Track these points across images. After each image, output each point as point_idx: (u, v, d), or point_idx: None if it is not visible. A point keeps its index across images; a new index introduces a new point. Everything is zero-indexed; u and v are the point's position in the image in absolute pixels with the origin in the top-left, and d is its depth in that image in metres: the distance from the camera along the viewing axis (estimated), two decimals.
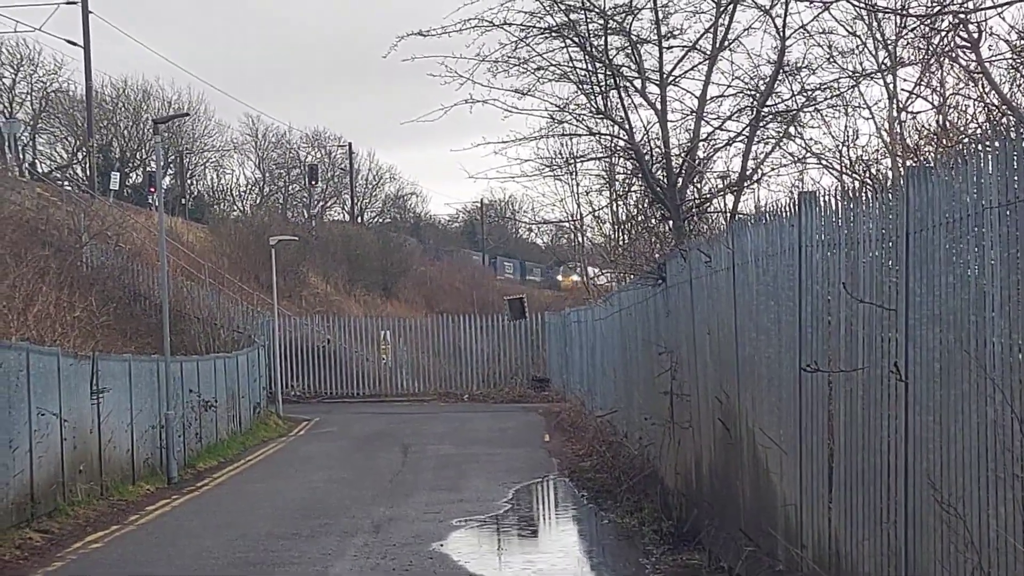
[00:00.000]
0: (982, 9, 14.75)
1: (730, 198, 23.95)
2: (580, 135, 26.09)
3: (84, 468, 26.14)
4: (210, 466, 34.39)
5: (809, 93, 22.83)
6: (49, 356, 25.09)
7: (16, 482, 22.33)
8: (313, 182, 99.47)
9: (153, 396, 31.70)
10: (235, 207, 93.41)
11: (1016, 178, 7.78)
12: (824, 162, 23.00)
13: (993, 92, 16.55)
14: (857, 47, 21.83)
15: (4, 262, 30.79)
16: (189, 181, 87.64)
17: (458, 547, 20.65)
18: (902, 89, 21.39)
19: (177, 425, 32.69)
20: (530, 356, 59.52)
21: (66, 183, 68.38)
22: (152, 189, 67.56)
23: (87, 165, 69.57)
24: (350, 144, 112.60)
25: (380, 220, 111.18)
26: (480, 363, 59.62)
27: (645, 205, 27.57)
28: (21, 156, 73.72)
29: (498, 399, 55.92)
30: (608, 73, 23.60)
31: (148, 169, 76.77)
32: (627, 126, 24.00)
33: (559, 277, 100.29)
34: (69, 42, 65.96)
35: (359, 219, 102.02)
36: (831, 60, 22.34)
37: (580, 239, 51.80)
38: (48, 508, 23.57)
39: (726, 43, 22.90)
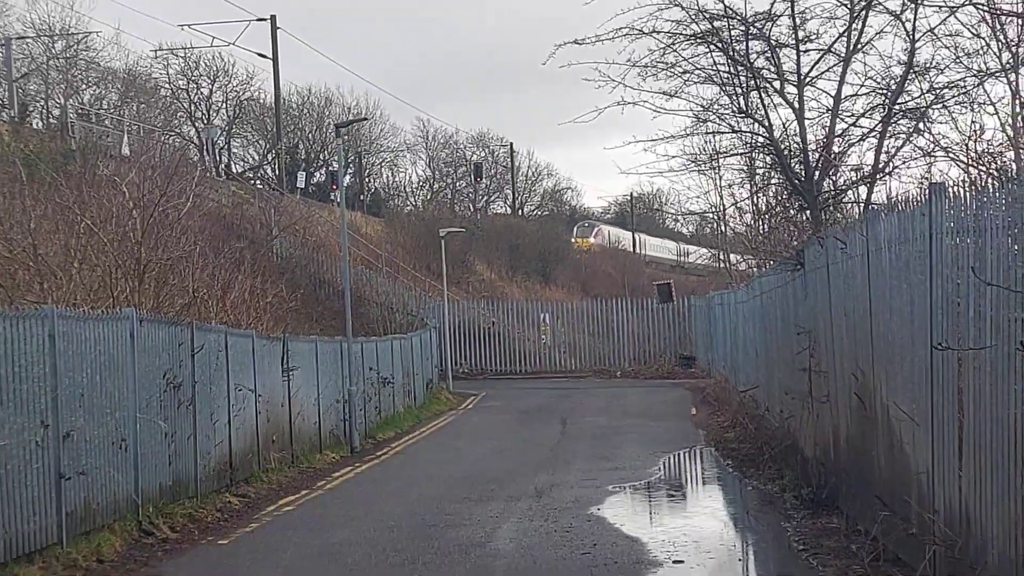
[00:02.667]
0: None
1: (863, 190, 23.68)
2: (723, 133, 26.02)
3: (276, 439, 26.46)
4: (388, 436, 34.64)
5: (937, 91, 22.54)
6: (245, 338, 25.44)
7: (217, 451, 22.67)
8: (478, 179, 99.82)
9: (337, 373, 32.03)
10: (408, 202, 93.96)
11: None
12: (952, 155, 22.70)
13: None
14: (982, 48, 21.49)
15: (204, 253, 31.14)
16: (367, 179, 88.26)
17: (614, 511, 20.63)
18: None
19: (358, 400, 33.00)
20: (677, 336, 59.28)
21: (258, 182, 69.21)
22: (334, 187, 68.04)
23: (276, 166, 70.35)
24: (511, 144, 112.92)
25: (539, 213, 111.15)
26: (631, 343, 59.52)
27: (784, 197, 27.32)
28: (218, 158, 74.74)
29: (647, 376, 55.80)
30: (749, 75, 23.47)
31: (330, 168, 77.44)
32: (767, 124, 23.88)
33: (573, 240, 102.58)
34: (259, 55, 66.77)
35: (520, 212, 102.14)
36: (957, 60, 22.04)
37: (723, 229, 51.47)
38: (245, 475, 23.89)
39: (859, 46, 22.66)
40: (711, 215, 50.57)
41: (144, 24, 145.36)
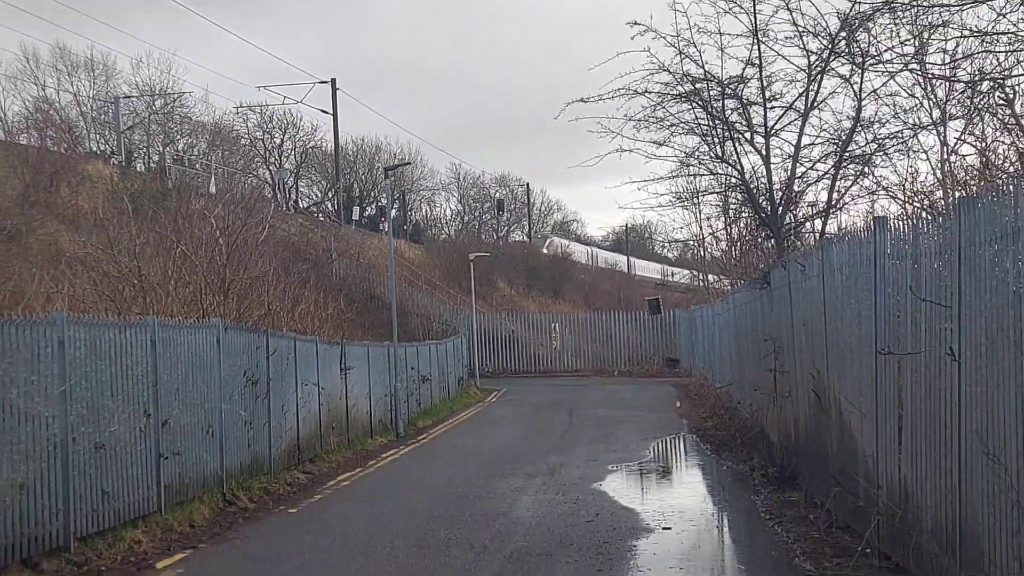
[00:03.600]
0: (1015, 76, 14.48)
1: (819, 222, 23.71)
2: (703, 175, 26.07)
3: (335, 425, 26.51)
4: (427, 424, 34.67)
5: (880, 142, 22.55)
6: (310, 343, 25.50)
7: (287, 436, 22.72)
8: (500, 212, 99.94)
9: (385, 372, 32.08)
10: (443, 232, 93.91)
11: None
12: (891, 194, 22.75)
13: None
14: (916, 105, 21.51)
15: (277, 274, 31.25)
16: (409, 212, 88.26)
17: (612, 486, 20.61)
18: (952, 137, 21.06)
19: (402, 393, 33.07)
20: (664, 342, 59.20)
21: (320, 215, 69.24)
22: (383, 219, 68.33)
23: (335, 202, 70.38)
24: (528, 184, 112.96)
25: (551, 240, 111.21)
26: (626, 347, 59.48)
27: (753, 228, 27.43)
28: (288, 196, 75.03)
29: (640, 375, 55.75)
30: (725, 128, 23.50)
31: (380, 204, 77.42)
32: (739, 168, 23.92)
33: (544, 250, 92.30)
34: (322, 111, 67.19)
35: (531, 239, 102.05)
36: (896, 116, 22.05)
37: (702, 254, 51.47)
38: (310, 455, 23.94)
39: (816, 104, 22.67)
40: (693, 242, 50.47)
41: (229, 86, 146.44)
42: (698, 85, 23.14)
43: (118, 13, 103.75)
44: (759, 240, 27.41)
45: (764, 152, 23.47)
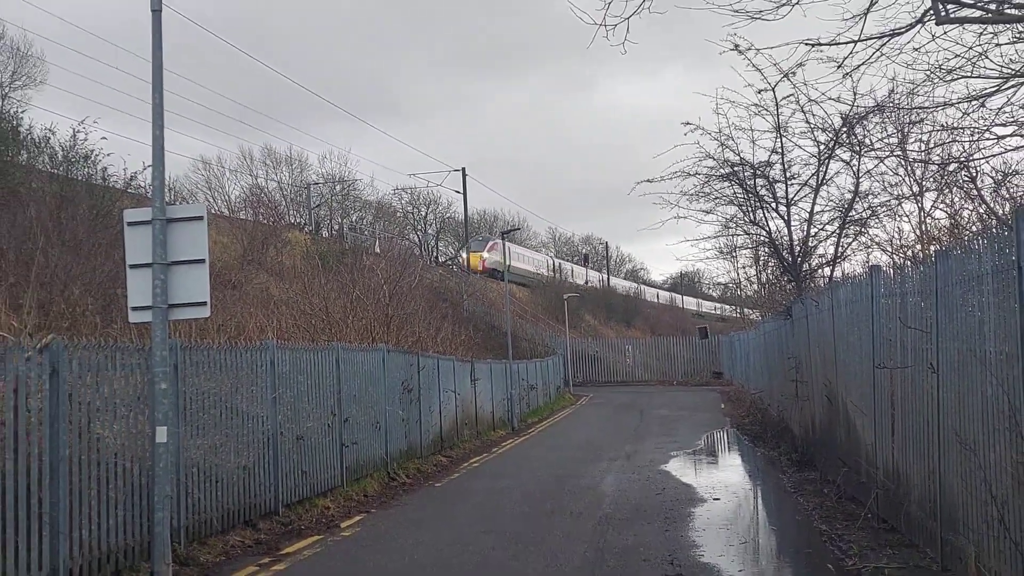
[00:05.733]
0: (975, 159, 14.25)
1: (828, 269, 23.47)
2: (739, 235, 26.10)
3: (467, 422, 26.63)
4: (534, 421, 34.64)
5: (873, 208, 22.35)
6: (448, 361, 25.67)
7: (433, 429, 22.88)
8: (585, 263, 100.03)
9: (503, 382, 32.17)
10: (543, 279, 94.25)
11: (998, 256, 7.63)
12: (882, 248, 22.51)
13: (984, 205, 15.99)
14: (900, 181, 21.23)
15: (424, 310, 31.62)
16: (523, 265, 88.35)
17: (673, 467, 20.45)
18: (928, 205, 20.77)
19: (516, 398, 33.11)
20: (711, 359, 58.48)
21: (454, 267, 69.68)
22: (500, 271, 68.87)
23: (465, 258, 70.66)
24: (607, 243, 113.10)
25: (624, 284, 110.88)
26: (682, 363, 58.83)
27: (778, 273, 27.22)
28: (430, 253, 75.64)
29: (693, 384, 55.11)
30: (756, 200, 23.43)
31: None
32: (767, 229, 23.82)
33: (463, 258, 71.06)
34: (454, 191, 68.30)
35: (610, 283, 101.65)
36: (885, 189, 21.79)
37: (739, 293, 51.12)
38: (449, 443, 24.06)
39: (824, 181, 22.46)
40: (732, 285, 50.24)
41: (388, 173, 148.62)
42: (735, 168, 23.11)
43: (310, 121, 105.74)
44: (783, 283, 27.18)
45: (786, 217, 23.34)
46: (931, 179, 19.90)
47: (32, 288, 15.10)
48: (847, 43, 11.01)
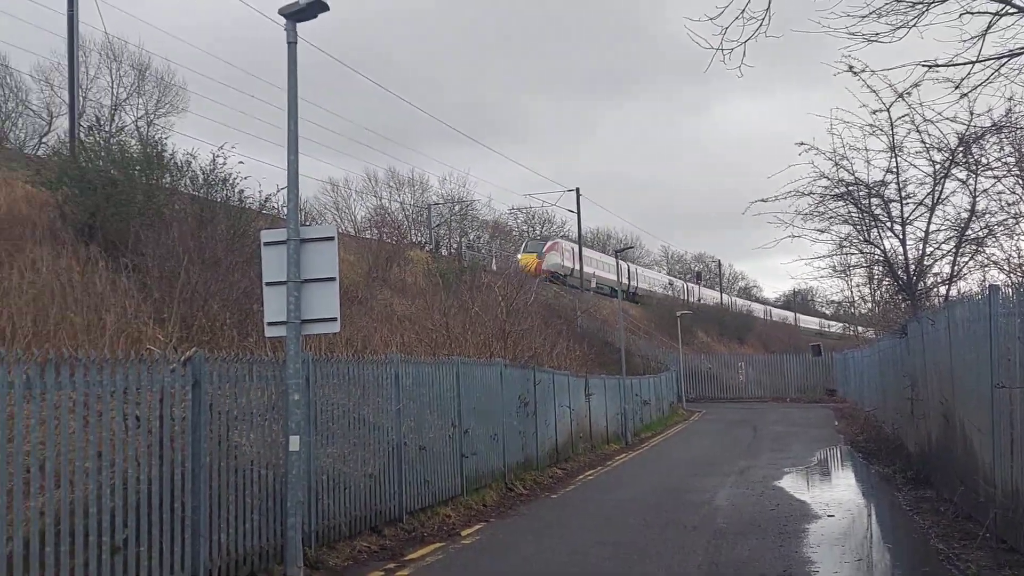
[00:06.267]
0: None
1: (944, 288, 22.82)
2: (853, 253, 25.60)
3: (582, 435, 26.55)
4: (647, 436, 34.38)
5: (990, 227, 21.68)
6: (563, 376, 25.66)
7: (549, 442, 22.88)
8: (698, 281, 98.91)
9: (616, 397, 32.00)
10: (655, 296, 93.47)
11: None
12: (1000, 267, 21.77)
13: None
14: (1017, 200, 20.57)
15: (540, 326, 31.69)
16: (633, 282, 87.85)
17: (787, 482, 20.07)
18: None
19: (629, 413, 32.90)
20: (824, 376, 57.17)
21: (570, 285, 69.70)
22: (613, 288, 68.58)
23: (581, 276, 70.51)
24: (719, 260, 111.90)
25: (736, 301, 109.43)
26: (795, 380, 57.64)
27: (893, 292, 26.55)
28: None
29: (806, 401, 53.94)
30: (871, 219, 23.00)
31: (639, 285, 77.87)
32: (882, 248, 23.39)
33: (519, 257, 61.71)
34: (568, 210, 67.70)
35: (723, 301, 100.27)
36: (1002, 208, 21.11)
37: (853, 311, 49.88)
38: (564, 456, 24.02)
39: (940, 200, 21.91)
40: (845, 303, 49.04)
41: (504, 194, 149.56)
42: (850, 188, 22.70)
43: (431, 145, 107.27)
44: (897, 301, 26.51)
45: (901, 237, 22.82)
46: None
47: (176, 303, 15.62)
48: (964, 64, 10.74)
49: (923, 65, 11.09)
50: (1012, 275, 20.21)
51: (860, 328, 50.30)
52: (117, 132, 27.26)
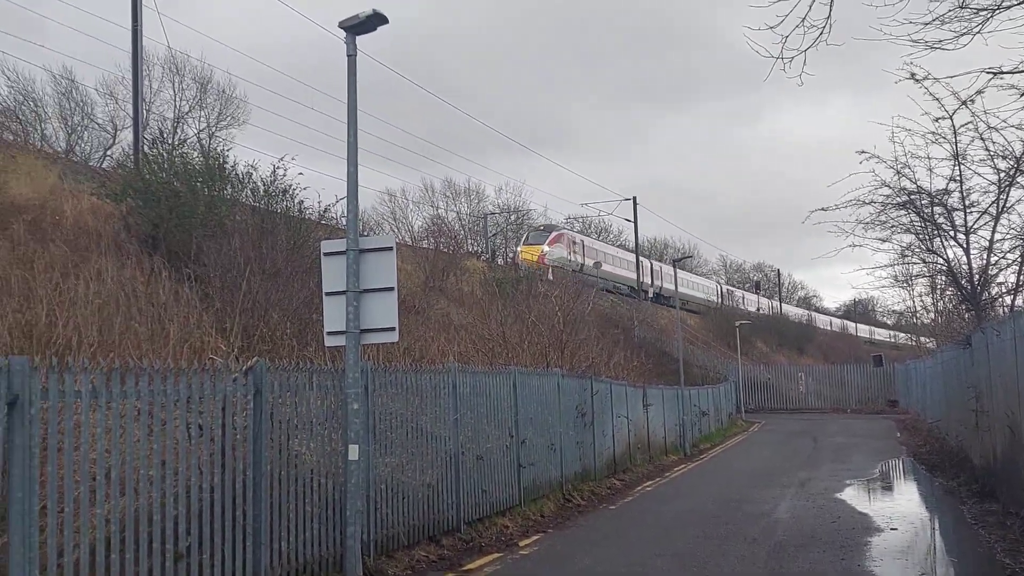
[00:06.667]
0: None
1: (1009, 298, 22.41)
2: (916, 263, 25.27)
3: (640, 446, 26.40)
4: (706, 447, 34.09)
5: None
6: (621, 386, 25.56)
7: (607, 453, 22.78)
8: (757, 290, 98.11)
9: (675, 408, 31.79)
10: (711, 304, 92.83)
11: None
12: None
13: None
14: None
15: (597, 336, 31.60)
16: (657, 282, 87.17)
17: (848, 494, 19.77)
18: None
19: (688, 423, 32.66)
20: (885, 387, 56.29)
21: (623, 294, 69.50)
22: (669, 297, 68.20)
23: (638, 286, 70.24)
24: (778, 270, 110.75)
25: (795, 310, 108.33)
26: (856, 390, 56.78)
27: (956, 302, 26.16)
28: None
29: (867, 412, 53.13)
30: (933, 228, 22.68)
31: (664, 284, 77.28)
32: (945, 258, 23.07)
33: (519, 250, 57.57)
34: (625, 219, 68.09)
35: (781, 311, 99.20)
36: None
37: (915, 321, 49.22)
38: (622, 467, 23.89)
39: (1005, 209, 21.53)
40: (907, 313, 48.37)
41: (559, 203, 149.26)
42: (912, 196, 22.42)
43: (487, 155, 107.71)
44: (960, 311, 26.10)
45: (965, 246, 22.46)
46: None
47: (237, 313, 15.81)
48: None
49: (987, 72, 10.90)
50: None
51: (922, 338, 49.59)
52: (180, 145, 27.67)
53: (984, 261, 22.26)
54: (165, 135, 30.47)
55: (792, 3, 10.32)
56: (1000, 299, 23.16)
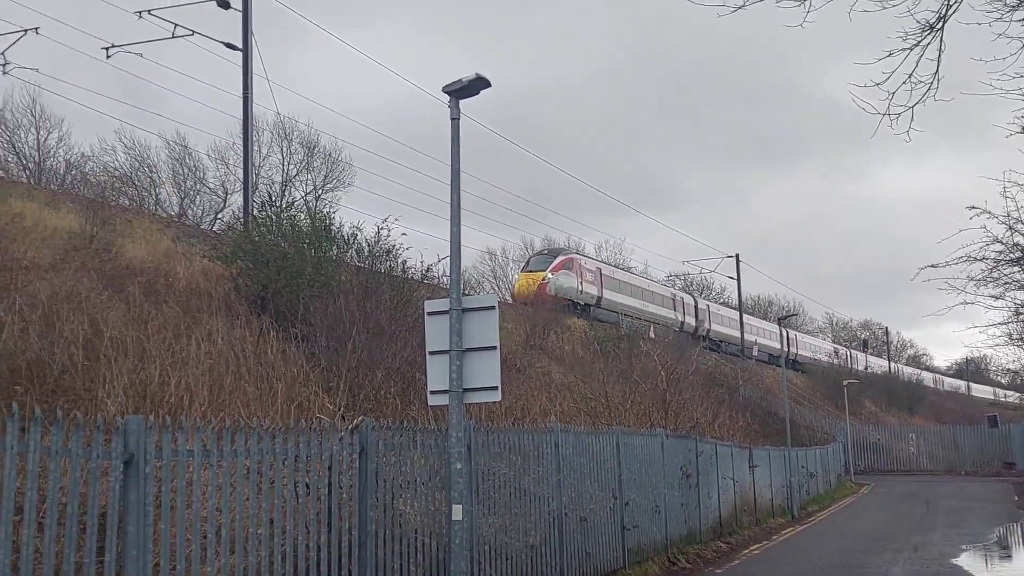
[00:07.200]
0: None
1: None
2: None
3: (746, 508, 25.82)
4: (814, 509, 33.17)
5: None
6: (726, 447, 25.12)
7: (712, 515, 22.33)
8: (865, 348, 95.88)
9: (781, 469, 31.05)
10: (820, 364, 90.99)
11: None
12: None
13: None
14: None
15: (701, 395, 31.15)
16: (792, 350, 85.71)
17: (964, 560, 19.03)
18: None
19: (795, 485, 31.85)
20: (1001, 448, 54.09)
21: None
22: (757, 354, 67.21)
23: (741, 344, 69.09)
24: (887, 328, 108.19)
25: (904, 369, 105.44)
26: (969, 451, 54.63)
27: None
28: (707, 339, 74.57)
29: (982, 474, 51.15)
30: None
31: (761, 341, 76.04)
32: None
33: (516, 276, 52.41)
34: (728, 277, 67.17)
35: (891, 369, 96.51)
36: None
37: None
38: (728, 530, 23.37)
39: None
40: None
41: (661, 261, 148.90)
42: None
43: (586, 212, 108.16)
44: None
45: None
46: None
47: (344, 372, 16.03)
48: None
49: None
50: None
51: None
52: (287, 207, 28.40)
53: None
54: (273, 198, 31.28)
55: (898, 60, 10.16)
56: None
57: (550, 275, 44.18)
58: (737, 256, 65.76)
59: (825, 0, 9.51)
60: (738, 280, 66.16)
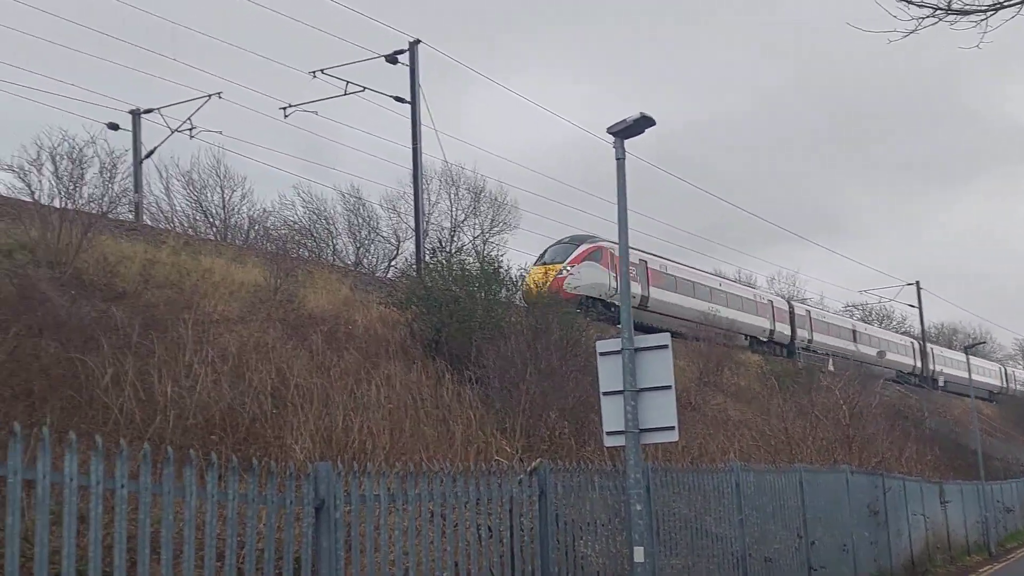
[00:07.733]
0: None
1: None
2: None
3: (939, 546, 24.66)
4: (1012, 546, 31.31)
5: None
6: (914, 482, 24.12)
7: (903, 553, 21.41)
8: None
9: (975, 504, 29.54)
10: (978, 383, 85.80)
11: None
12: None
13: None
14: None
15: (885, 429, 29.97)
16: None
17: None
18: None
19: (991, 521, 30.29)
20: None
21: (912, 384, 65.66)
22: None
23: (923, 371, 66.20)
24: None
25: None
26: None
27: None
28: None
29: None
30: None
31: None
32: None
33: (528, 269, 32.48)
34: (909, 306, 64.71)
35: None
36: None
37: None
38: (921, 568, 22.30)
39: None
40: None
41: (837, 291, 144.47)
42: None
43: (756, 245, 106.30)
44: None
45: None
46: None
47: (519, 414, 16.19)
48: None
49: None
50: None
51: None
52: (457, 252, 28.98)
53: None
54: (443, 244, 32.02)
55: None
56: None
57: (568, 267, 33.55)
58: (918, 283, 63.43)
59: (1003, 19, 9.15)
60: (919, 308, 63.78)
